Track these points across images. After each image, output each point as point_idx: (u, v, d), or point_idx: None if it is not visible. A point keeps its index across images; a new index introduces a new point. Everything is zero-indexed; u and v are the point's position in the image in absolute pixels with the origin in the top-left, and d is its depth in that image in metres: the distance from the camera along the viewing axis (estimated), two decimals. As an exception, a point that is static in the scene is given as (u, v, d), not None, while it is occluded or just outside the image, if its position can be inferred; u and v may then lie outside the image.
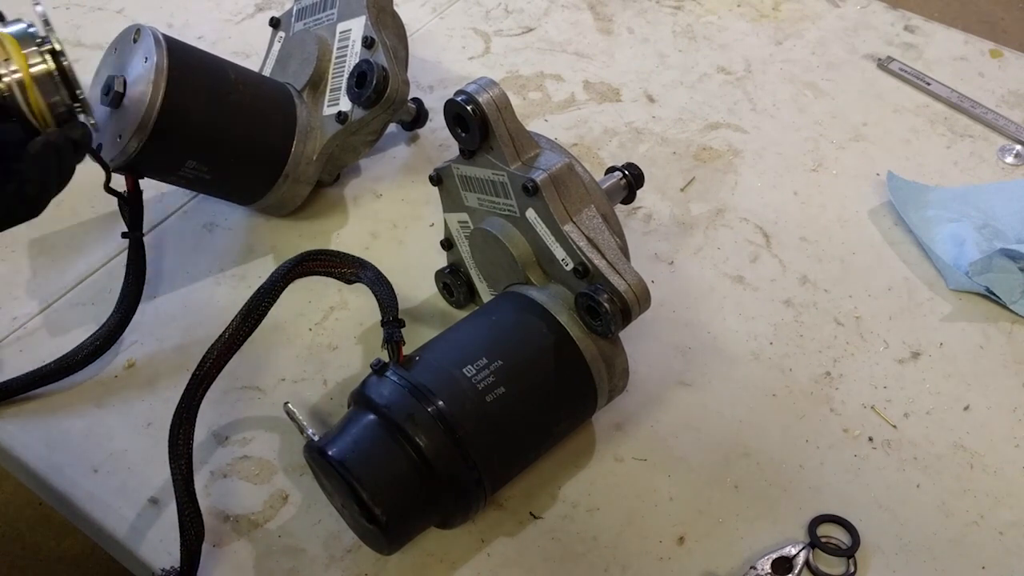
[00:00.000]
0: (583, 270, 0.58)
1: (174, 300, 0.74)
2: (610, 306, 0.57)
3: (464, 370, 0.56)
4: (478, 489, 0.55)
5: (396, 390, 0.55)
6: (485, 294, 0.70)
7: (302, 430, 0.58)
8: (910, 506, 0.63)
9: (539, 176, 0.58)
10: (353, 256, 0.65)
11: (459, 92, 0.59)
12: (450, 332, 0.61)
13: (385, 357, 0.59)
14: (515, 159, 0.60)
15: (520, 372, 0.57)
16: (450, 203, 0.68)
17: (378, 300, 0.63)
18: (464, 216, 0.67)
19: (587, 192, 0.60)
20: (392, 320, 0.61)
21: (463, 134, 0.61)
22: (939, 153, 0.87)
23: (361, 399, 0.56)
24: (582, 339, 0.59)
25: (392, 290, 0.63)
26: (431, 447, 0.53)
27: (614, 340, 0.60)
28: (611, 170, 0.72)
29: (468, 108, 0.58)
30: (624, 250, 0.62)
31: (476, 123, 0.59)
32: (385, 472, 0.53)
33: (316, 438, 0.56)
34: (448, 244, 0.71)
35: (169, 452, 0.57)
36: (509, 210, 0.62)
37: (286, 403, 0.59)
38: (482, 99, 0.58)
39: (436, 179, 0.67)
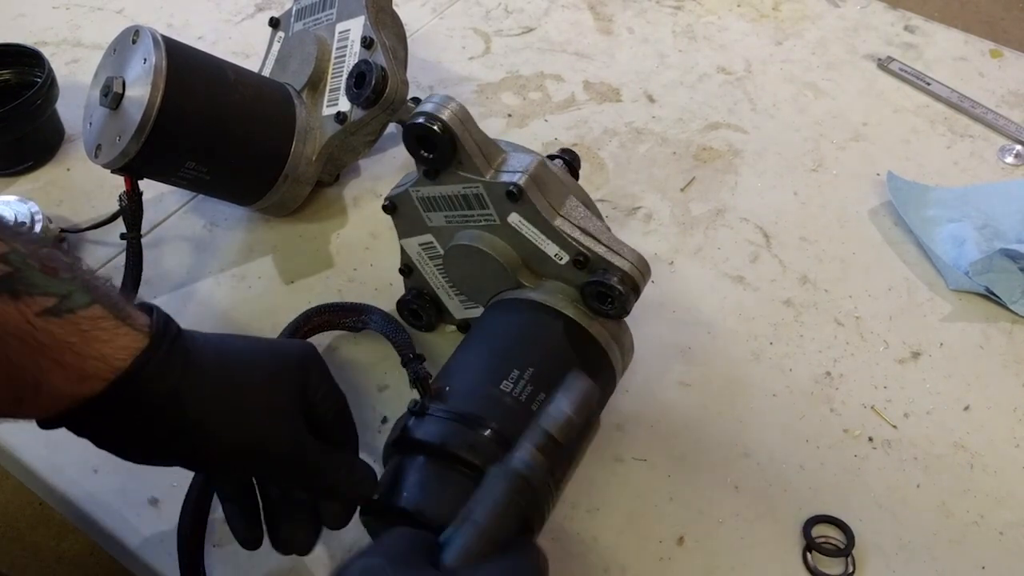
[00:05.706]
0: (583, 260, 0.58)
1: (174, 300, 0.74)
2: (622, 287, 0.57)
3: (501, 386, 0.55)
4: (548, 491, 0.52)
5: (445, 425, 0.53)
6: (457, 311, 0.69)
7: None
8: (910, 506, 0.63)
9: (521, 179, 0.57)
10: (356, 304, 0.65)
11: (417, 114, 0.57)
12: (465, 355, 0.60)
13: (413, 395, 0.57)
14: (487, 168, 0.59)
15: (551, 373, 0.56)
16: (408, 228, 0.66)
17: (392, 342, 0.62)
18: (427, 237, 0.65)
19: (563, 184, 0.60)
20: (413, 357, 0.60)
21: (429, 155, 0.59)
22: (939, 153, 0.87)
23: (407, 444, 0.54)
24: (592, 325, 0.59)
25: (403, 328, 0.63)
26: None
27: (619, 320, 0.60)
28: (551, 158, 0.71)
29: (433, 127, 0.56)
30: (608, 230, 0.62)
31: (444, 140, 0.57)
32: (459, 507, 0.48)
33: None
34: (408, 270, 0.69)
35: None
36: (487, 220, 0.61)
37: None
38: (445, 116, 0.57)
39: (391, 207, 0.65)
